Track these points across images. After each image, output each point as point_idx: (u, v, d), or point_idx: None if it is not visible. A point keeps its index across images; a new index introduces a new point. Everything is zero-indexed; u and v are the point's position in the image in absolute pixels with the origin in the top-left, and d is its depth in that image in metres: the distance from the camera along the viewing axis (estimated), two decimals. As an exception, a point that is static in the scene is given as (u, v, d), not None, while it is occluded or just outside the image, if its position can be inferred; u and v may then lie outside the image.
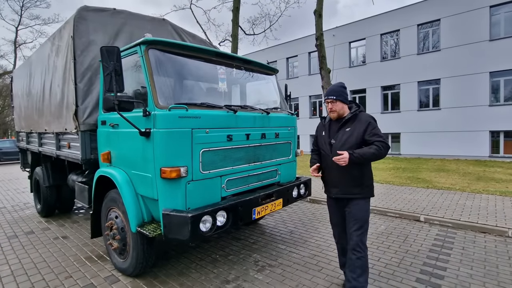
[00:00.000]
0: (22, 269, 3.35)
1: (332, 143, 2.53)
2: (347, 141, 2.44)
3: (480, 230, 4.23)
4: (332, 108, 2.52)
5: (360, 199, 2.47)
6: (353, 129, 2.45)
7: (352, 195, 2.47)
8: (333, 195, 2.59)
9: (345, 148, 2.39)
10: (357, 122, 2.46)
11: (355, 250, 2.43)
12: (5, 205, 6.47)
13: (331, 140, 2.54)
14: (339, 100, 2.51)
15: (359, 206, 2.47)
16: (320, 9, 8.56)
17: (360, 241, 2.44)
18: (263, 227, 4.65)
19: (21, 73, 5.96)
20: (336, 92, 2.52)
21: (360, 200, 2.47)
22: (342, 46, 17.09)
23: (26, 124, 5.64)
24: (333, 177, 2.55)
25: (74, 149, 3.78)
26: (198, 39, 4.68)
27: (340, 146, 2.45)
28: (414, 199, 5.83)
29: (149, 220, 2.84)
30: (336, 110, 2.52)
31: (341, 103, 2.52)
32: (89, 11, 3.48)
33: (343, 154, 2.32)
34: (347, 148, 2.39)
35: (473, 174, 8.91)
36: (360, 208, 2.47)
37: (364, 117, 2.48)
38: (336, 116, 2.56)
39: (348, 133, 2.46)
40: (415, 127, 14.71)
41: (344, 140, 2.45)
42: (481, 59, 12.79)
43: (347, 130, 2.47)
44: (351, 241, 2.47)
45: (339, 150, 2.39)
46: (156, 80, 2.63)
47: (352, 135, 2.44)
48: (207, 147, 2.71)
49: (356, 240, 2.43)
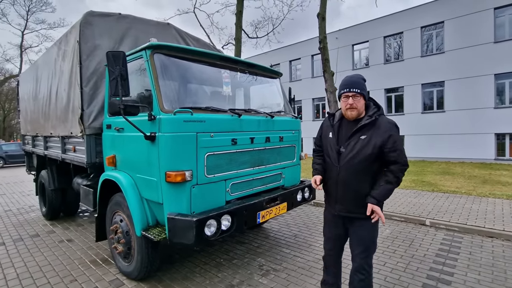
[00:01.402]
0: (28, 272, 3.36)
1: (341, 151, 2.08)
2: (361, 152, 2.00)
3: (487, 235, 4.18)
4: (353, 105, 2.02)
5: (368, 219, 2.04)
6: (370, 138, 1.99)
7: (359, 214, 2.08)
8: (337, 212, 2.20)
9: (357, 161, 2.01)
10: (376, 129, 2.00)
11: (359, 273, 2.11)
12: (10, 208, 6.52)
13: (340, 148, 2.09)
14: (363, 95, 2.04)
15: (366, 227, 2.09)
16: (323, 12, 8.57)
17: (366, 264, 2.11)
18: (267, 230, 4.63)
19: (27, 77, 6.03)
20: (360, 85, 2.03)
21: (367, 220, 2.05)
22: (345, 48, 17.10)
23: (32, 128, 5.69)
24: (338, 193, 2.15)
25: (79, 152, 3.81)
26: (202, 43, 4.70)
27: (351, 158, 2.03)
28: (419, 203, 5.77)
29: (154, 224, 2.84)
30: (357, 108, 2.03)
31: (363, 100, 2.06)
32: (94, 16, 3.52)
33: (376, 211, 1.96)
34: (359, 161, 2.00)
35: (479, 177, 8.82)
36: (367, 229, 2.09)
37: (385, 125, 2.01)
38: (355, 116, 2.06)
39: (363, 142, 2.00)
40: (419, 130, 14.62)
41: (357, 151, 2.01)
42: (486, 61, 12.71)
43: (362, 138, 2.01)
44: (354, 262, 2.15)
45: (349, 162, 2.03)
46: (161, 84, 2.65)
47: (367, 145, 1.98)
48: (211, 151, 2.71)
49: (361, 263, 2.10)
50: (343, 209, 2.15)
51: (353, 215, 2.12)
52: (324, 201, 2.38)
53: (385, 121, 2.05)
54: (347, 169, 2.06)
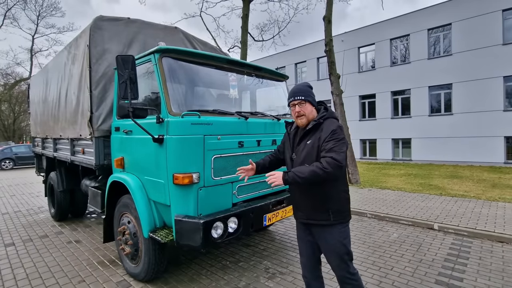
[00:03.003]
0: (37, 272, 3.41)
1: (293, 158, 2.07)
2: (307, 157, 1.96)
3: (498, 240, 4.10)
4: (300, 112, 2.02)
5: (330, 226, 1.97)
6: (313, 141, 1.96)
7: (318, 221, 2.00)
8: (297, 219, 2.15)
9: None
10: (319, 132, 1.97)
11: (345, 283, 2.02)
12: (20, 209, 6.63)
13: (292, 155, 2.08)
14: (308, 101, 2.03)
15: (332, 236, 1.97)
16: (329, 15, 8.58)
17: (347, 273, 1.99)
18: (273, 233, 4.62)
19: (38, 80, 6.15)
20: (304, 92, 2.04)
21: (330, 228, 1.97)
22: (351, 51, 17.04)
23: (41, 130, 5.79)
24: (296, 199, 2.11)
25: (88, 154, 3.86)
26: (209, 46, 4.74)
27: (299, 164, 1.99)
28: (427, 207, 5.70)
29: (161, 226, 2.86)
30: (305, 114, 2.02)
31: (310, 106, 2.04)
32: (104, 21, 3.58)
33: (274, 174, 1.92)
34: None
35: (488, 181, 8.67)
36: (333, 238, 1.97)
37: (329, 125, 1.97)
38: (305, 122, 2.04)
39: (308, 147, 1.97)
40: (426, 133, 14.45)
41: (303, 156, 1.98)
42: (495, 64, 12.54)
43: (308, 143, 1.99)
44: (336, 274, 2.06)
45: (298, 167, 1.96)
46: (169, 87, 2.68)
47: (312, 148, 1.95)
48: (218, 153, 2.73)
49: (341, 274, 2.01)
50: (303, 215, 2.09)
51: (313, 222, 2.03)
52: None
53: (330, 122, 1.99)
54: None
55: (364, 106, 17.07)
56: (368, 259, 3.57)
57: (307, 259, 2.18)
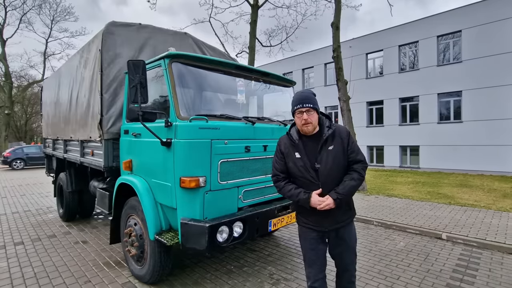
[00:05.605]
0: (45, 271, 3.47)
1: (317, 168, 2.02)
2: (336, 164, 2.01)
3: (508, 251, 4.00)
4: (307, 120, 2.00)
5: (351, 222, 2.16)
6: (336, 146, 2.03)
7: (345, 221, 2.11)
8: (326, 228, 2.08)
9: (336, 172, 2.02)
10: (337, 138, 2.05)
11: (351, 282, 2.18)
12: (30, 209, 6.75)
13: (316, 165, 2.03)
14: (315, 109, 2.04)
15: (352, 230, 2.17)
16: (337, 22, 8.61)
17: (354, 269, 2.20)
18: (278, 239, 4.60)
19: (50, 83, 6.31)
20: (312, 99, 2.04)
21: (351, 224, 2.16)
22: (359, 57, 16.99)
23: (53, 131, 5.92)
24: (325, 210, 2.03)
25: (97, 156, 3.93)
26: (218, 52, 4.81)
27: (330, 170, 2.01)
28: (435, 216, 5.60)
29: (167, 229, 2.88)
30: (312, 122, 2.03)
31: (316, 114, 2.05)
32: (117, 26, 3.67)
33: (326, 201, 1.94)
34: (338, 171, 2.03)
35: (499, 190, 8.48)
36: (353, 233, 2.18)
37: (341, 130, 2.09)
38: (311, 130, 2.06)
39: (333, 152, 2.02)
40: (435, 140, 14.24)
41: (331, 163, 2.01)
42: (507, 71, 12.34)
43: (330, 149, 2.02)
44: (347, 272, 2.16)
45: (330, 175, 2.00)
46: (178, 92, 2.72)
47: (337, 154, 2.02)
48: (225, 157, 2.75)
49: (353, 270, 2.18)
50: (332, 223, 2.06)
51: (341, 224, 2.09)
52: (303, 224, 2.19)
53: (340, 128, 2.12)
54: (333, 181, 2.01)
55: (371, 112, 16.94)
56: (374, 268, 3.52)
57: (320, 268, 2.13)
